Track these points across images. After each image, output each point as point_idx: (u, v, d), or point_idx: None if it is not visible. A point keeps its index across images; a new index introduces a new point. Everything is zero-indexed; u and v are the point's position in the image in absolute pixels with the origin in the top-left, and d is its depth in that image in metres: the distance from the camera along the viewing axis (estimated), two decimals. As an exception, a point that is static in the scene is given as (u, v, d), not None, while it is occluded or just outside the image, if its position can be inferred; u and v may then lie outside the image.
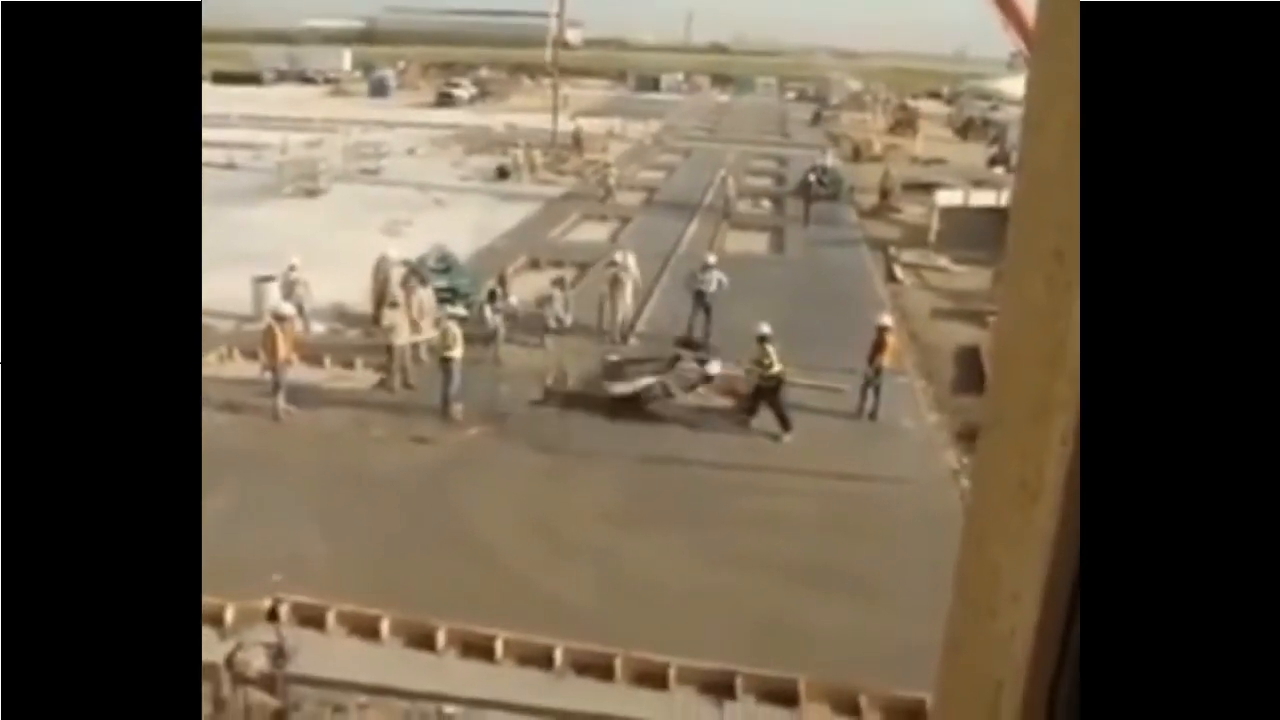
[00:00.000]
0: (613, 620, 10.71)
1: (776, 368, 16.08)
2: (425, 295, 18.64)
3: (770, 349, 16.14)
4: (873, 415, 16.81)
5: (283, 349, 16.04)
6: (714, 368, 17.18)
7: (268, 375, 16.21)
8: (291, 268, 20.29)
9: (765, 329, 16.39)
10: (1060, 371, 1.06)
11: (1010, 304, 1.19)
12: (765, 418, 16.17)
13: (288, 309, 17.37)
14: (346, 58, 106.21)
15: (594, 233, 33.00)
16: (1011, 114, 57.91)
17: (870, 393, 16.87)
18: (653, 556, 12.15)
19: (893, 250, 30.22)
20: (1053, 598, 1.09)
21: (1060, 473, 1.07)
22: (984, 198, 32.82)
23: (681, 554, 12.21)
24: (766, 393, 16.13)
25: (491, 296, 19.56)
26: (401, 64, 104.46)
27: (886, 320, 17.80)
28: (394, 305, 18.25)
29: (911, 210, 35.85)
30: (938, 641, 1.36)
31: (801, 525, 13.00)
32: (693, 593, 11.34)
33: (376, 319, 19.41)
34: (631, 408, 16.50)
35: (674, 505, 13.56)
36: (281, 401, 16.03)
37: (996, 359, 1.21)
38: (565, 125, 52.09)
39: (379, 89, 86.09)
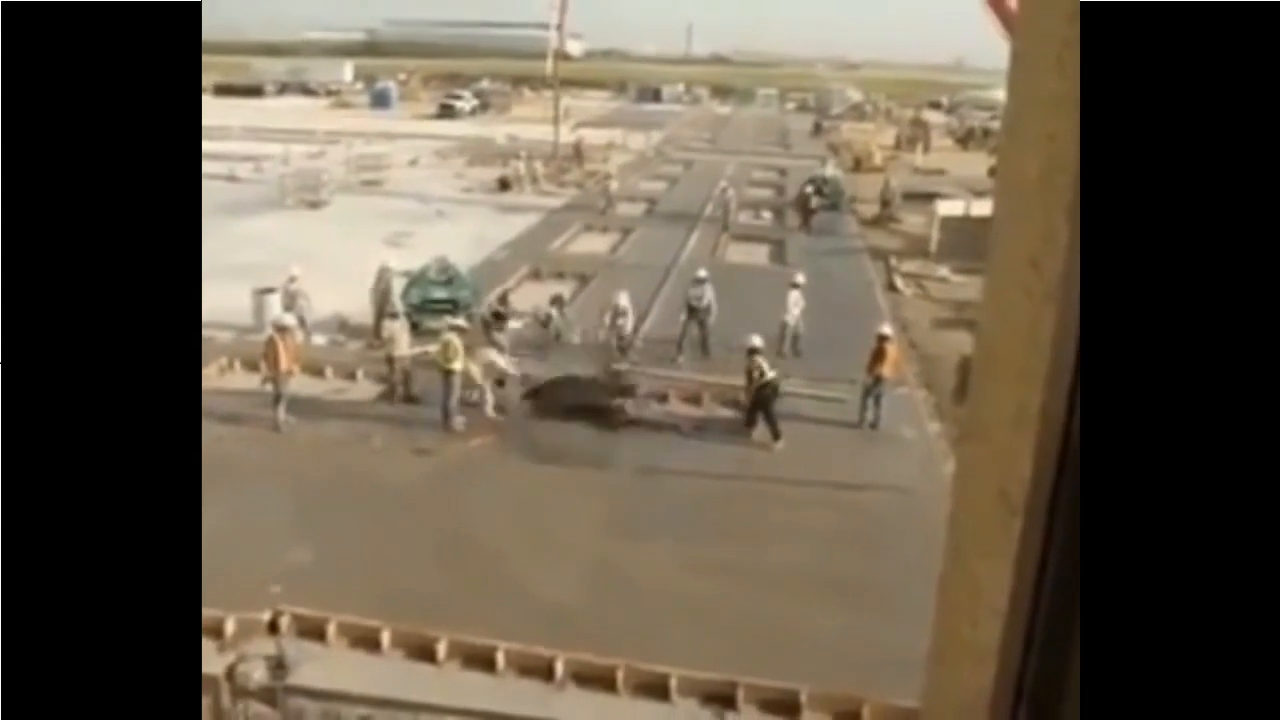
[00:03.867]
0: (612, 630, 10.69)
1: (769, 376, 16.12)
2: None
3: (760, 360, 16.25)
4: (874, 425, 16.80)
5: (284, 360, 16.04)
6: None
7: (269, 387, 16.20)
8: (292, 279, 20.31)
9: (756, 341, 16.51)
10: (1038, 381, 1.07)
11: (989, 315, 1.20)
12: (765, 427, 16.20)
13: (289, 320, 17.38)
14: (348, 70, 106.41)
15: (595, 244, 33.02)
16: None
17: (871, 402, 16.87)
18: (650, 567, 12.13)
19: (894, 260, 30.23)
20: (1032, 609, 1.09)
21: (1039, 483, 1.08)
22: (985, 208, 32.74)
23: (680, 564, 12.19)
24: (763, 402, 16.15)
25: (497, 317, 19.56)
26: (403, 76, 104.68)
27: (886, 330, 17.80)
28: (394, 316, 18.25)
29: (912, 220, 35.85)
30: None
31: (802, 535, 12.98)
32: (692, 603, 11.31)
33: (378, 331, 19.45)
34: (633, 420, 16.58)
35: (672, 516, 13.54)
36: (283, 413, 16.03)
37: (977, 370, 1.22)
38: (566, 136, 52.14)
39: (381, 101, 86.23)
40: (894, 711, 9.45)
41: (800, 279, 21.62)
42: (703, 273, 21.26)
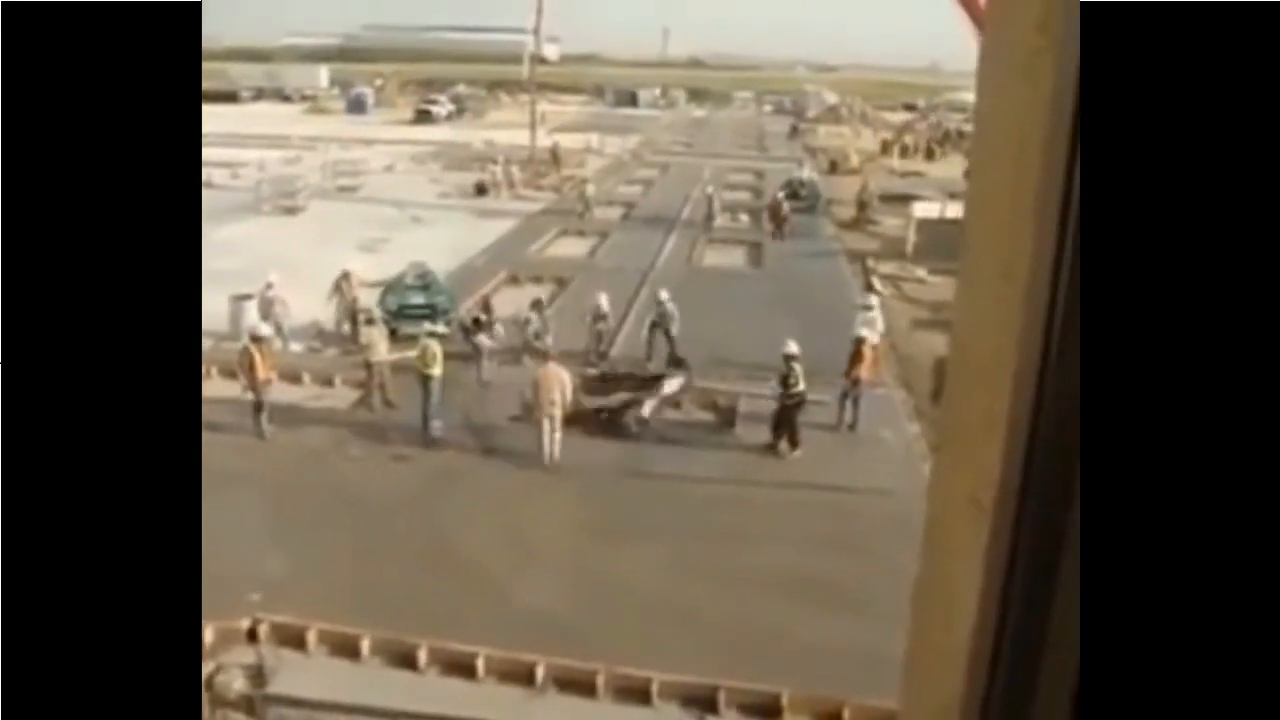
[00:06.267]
0: (592, 634, 10.68)
1: (801, 387, 15.89)
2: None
3: (797, 367, 15.92)
4: (852, 426, 16.85)
5: (261, 370, 15.98)
6: (671, 385, 17.31)
7: (249, 396, 16.13)
8: (269, 285, 20.23)
9: (793, 348, 16.18)
10: (1005, 387, 1.08)
11: (962, 320, 1.21)
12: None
13: (264, 330, 17.30)
14: (324, 75, 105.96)
15: (572, 248, 33.02)
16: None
17: (849, 404, 16.91)
18: (630, 570, 12.14)
19: (871, 262, 30.34)
20: (1000, 613, 1.10)
21: (1006, 487, 1.08)
22: (961, 210, 32.89)
23: (661, 568, 12.21)
24: (789, 411, 15.94)
25: (476, 323, 19.52)
26: (379, 81, 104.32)
27: (864, 332, 17.85)
28: (370, 322, 18.19)
29: (889, 222, 36.01)
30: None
31: (782, 537, 13.01)
32: (672, 606, 11.32)
33: (353, 336, 19.42)
34: (610, 424, 16.53)
35: (653, 520, 13.54)
36: (265, 421, 15.97)
37: (951, 375, 1.23)
38: (543, 141, 52.15)
39: (357, 106, 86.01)
40: (874, 713, 9.47)
41: (874, 300, 21.43)
42: (664, 294, 21.02)
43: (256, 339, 16.53)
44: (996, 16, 1.16)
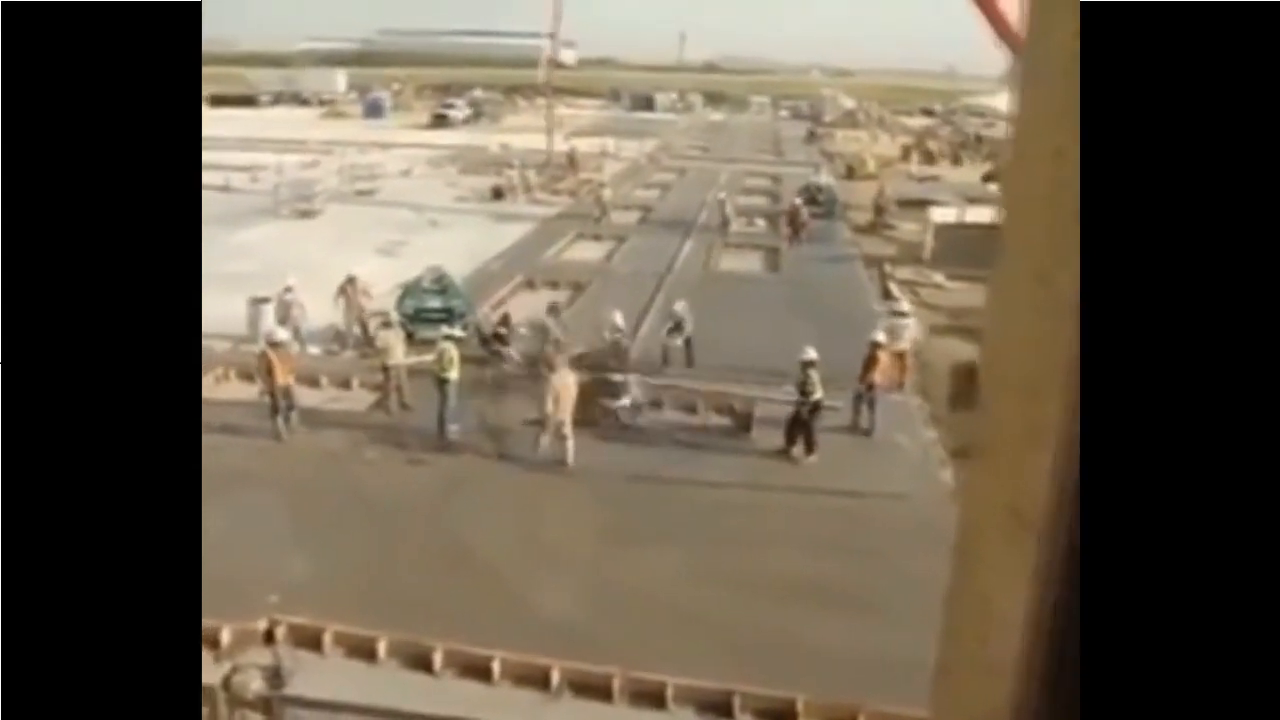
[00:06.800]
0: (607, 638, 10.67)
1: (819, 393, 15.82)
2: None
3: (814, 374, 15.85)
4: (868, 432, 16.81)
5: (279, 374, 16.04)
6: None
7: (267, 399, 16.20)
8: (287, 289, 20.31)
9: (811, 354, 16.11)
10: (1049, 397, 1.07)
11: (997, 329, 1.20)
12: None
13: (282, 334, 17.36)
14: (341, 80, 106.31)
15: (589, 252, 33.02)
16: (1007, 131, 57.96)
17: (864, 408, 16.89)
18: (646, 574, 12.12)
19: (888, 267, 30.24)
20: (1044, 626, 1.09)
21: (1051, 500, 1.07)
22: (979, 214, 32.83)
23: (677, 572, 12.18)
24: (805, 417, 15.87)
25: (497, 337, 19.56)
26: (396, 85, 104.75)
27: (880, 336, 17.83)
28: (387, 325, 18.23)
29: (906, 227, 35.90)
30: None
31: (799, 542, 12.98)
32: (688, 611, 11.29)
33: (369, 340, 19.48)
34: (628, 428, 16.58)
35: (668, 523, 13.53)
36: (282, 424, 16.07)
37: (986, 385, 1.21)
38: (560, 145, 52.16)
39: (374, 110, 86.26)
40: (889, 718, 9.43)
41: (906, 306, 21.31)
42: (679, 305, 21.01)
43: (274, 343, 16.59)
44: (1036, 23, 1.15)
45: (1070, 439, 1.04)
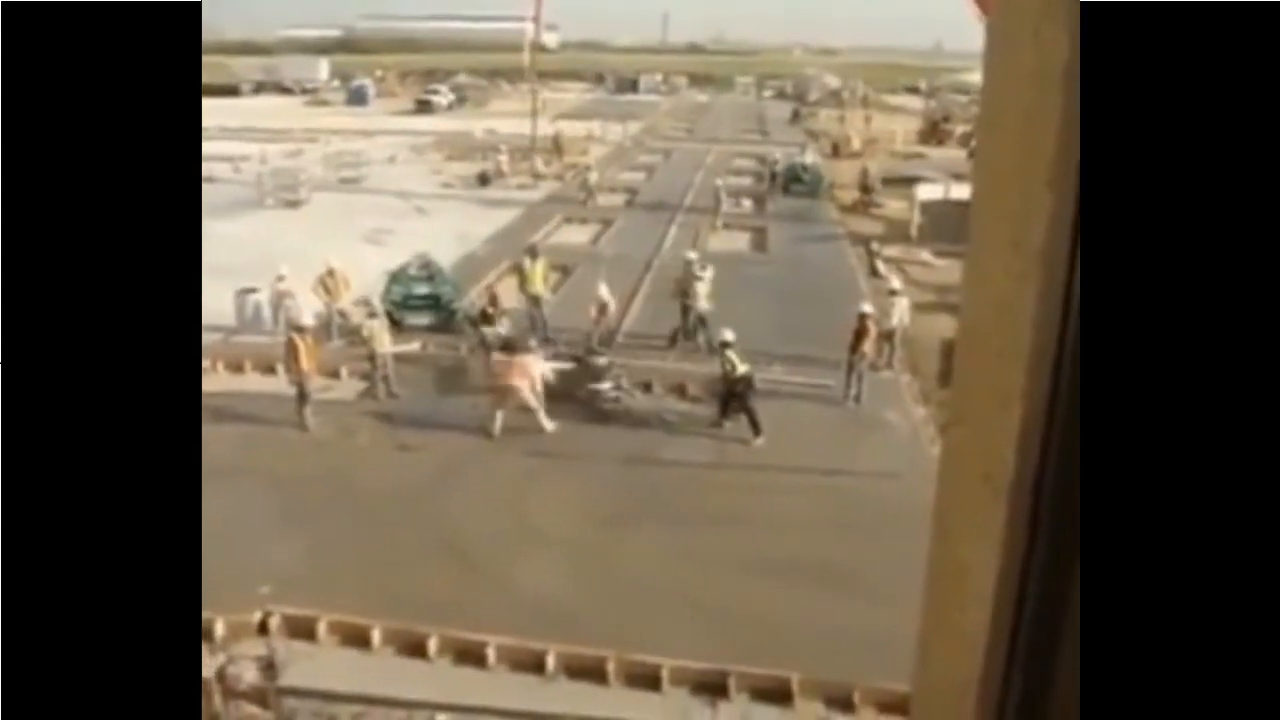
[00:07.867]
0: (600, 620, 10.70)
1: (741, 370, 15.92)
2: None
3: (731, 354, 16.02)
4: (857, 399, 17.00)
5: (304, 361, 16.01)
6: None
7: (294, 389, 16.26)
8: (280, 278, 20.22)
9: (728, 335, 16.41)
10: (1018, 364, 1.06)
11: (971, 298, 1.19)
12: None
13: (307, 320, 17.28)
14: (324, 67, 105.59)
15: (576, 235, 32.98)
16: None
17: (854, 379, 17.06)
18: (636, 555, 12.17)
19: (875, 245, 30.24)
20: (1019, 593, 1.09)
21: (1021, 466, 1.07)
22: (964, 191, 32.80)
23: (667, 553, 12.22)
24: (736, 397, 15.98)
25: (484, 317, 19.51)
26: (379, 72, 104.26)
27: (867, 308, 17.91)
28: (373, 315, 18.20)
29: (892, 205, 35.91)
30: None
31: (789, 521, 13.02)
32: (679, 591, 11.33)
33: (344, 331, 19.54)
34: (615, 411, 16.65)
35: (658, 505, 13.57)
36: (309, 414, 16.11)
37: (960, 354, 1.21)
38: (545, 129, 52.03)
39: (357, 97, 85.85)
40: (885, 696, 9.47)
41: (897, 284, 21.36)
42: (693, 254, 21.04)
43: (299, 329, 16.53)
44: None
45: (1040, 404, 1.03)
